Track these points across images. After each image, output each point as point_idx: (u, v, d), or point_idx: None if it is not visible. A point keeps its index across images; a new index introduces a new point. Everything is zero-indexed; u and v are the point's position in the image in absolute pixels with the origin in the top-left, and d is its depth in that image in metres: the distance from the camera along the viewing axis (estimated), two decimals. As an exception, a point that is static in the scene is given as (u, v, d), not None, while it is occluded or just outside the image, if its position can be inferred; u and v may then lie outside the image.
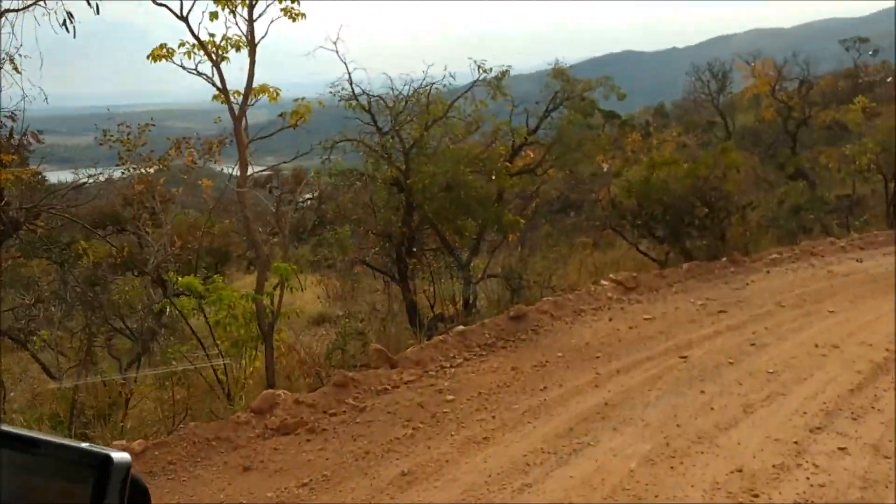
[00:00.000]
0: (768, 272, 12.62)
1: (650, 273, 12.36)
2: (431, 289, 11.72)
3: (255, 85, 7.99)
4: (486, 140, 10.84)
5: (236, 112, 7.58)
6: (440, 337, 9.27)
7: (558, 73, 13.01)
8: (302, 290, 21.79)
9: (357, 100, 11.08)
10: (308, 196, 17.57)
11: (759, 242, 14.77)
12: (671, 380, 7.53)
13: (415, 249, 10.71)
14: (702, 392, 7.14)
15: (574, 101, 12.61)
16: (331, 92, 11.07)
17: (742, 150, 23.32)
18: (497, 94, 10.34)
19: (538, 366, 8.31)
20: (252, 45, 7.48)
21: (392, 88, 11.29)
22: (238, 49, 7.77)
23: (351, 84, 10.94)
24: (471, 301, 11.80)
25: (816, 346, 8.41)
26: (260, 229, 11.18)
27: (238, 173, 7.72)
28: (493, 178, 9.70)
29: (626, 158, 23.03)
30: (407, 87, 11.09)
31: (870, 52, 47.80)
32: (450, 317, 11.36)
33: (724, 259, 13.19)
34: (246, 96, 7.57)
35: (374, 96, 10.41)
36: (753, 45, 43.48)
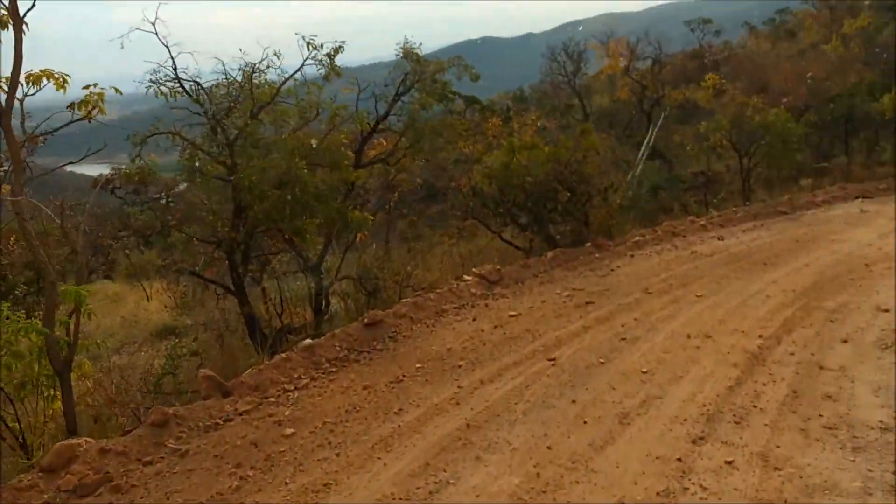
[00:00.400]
0: (633, 256, 12.21)
1: (515, 264, 11.65)
2: (279, 297, 10.53)
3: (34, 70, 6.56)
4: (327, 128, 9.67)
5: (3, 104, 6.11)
6: (284, 354, 8.11)
7: (408, 54, 12.05)
8: (148, 299, 19.90)
9: (183, 87, 9.68)
10: (158, 195, 15.86)
11: (623, 225, 14.45)
12: (540, 389, 6.74)
13: (254, 254, 9.45)
14: (573, 402, 6.38)
15: (425, 83, 11.68)
16: (151, 80, 9.61)
17: (600, 132, 23.35)
18: (331, 73, 9.19)
19: (394, 382, 7.32)
20: (17, 19, 6.03)
21: (226, 74, 9.96)
22: (5, 27, 6.31)
23: (175, 69, 9.54)
24: (323, 308, 10.70)
25: (688, 336, 7.89)
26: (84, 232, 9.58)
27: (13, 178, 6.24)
28: (336, 170, 8.56)
29: (488, 144, 22.53)
30: (239, 73, 9.81)
31: (713, 33, 49.95)
32: (299, 327, 10.21)
33: (589, 245, 12.71)
34: (13, 84, 6.11)
35: (192, 81, 9.03)
36: (605, 28, 44.36)
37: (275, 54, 8.96)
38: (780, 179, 17.54)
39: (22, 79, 6.31)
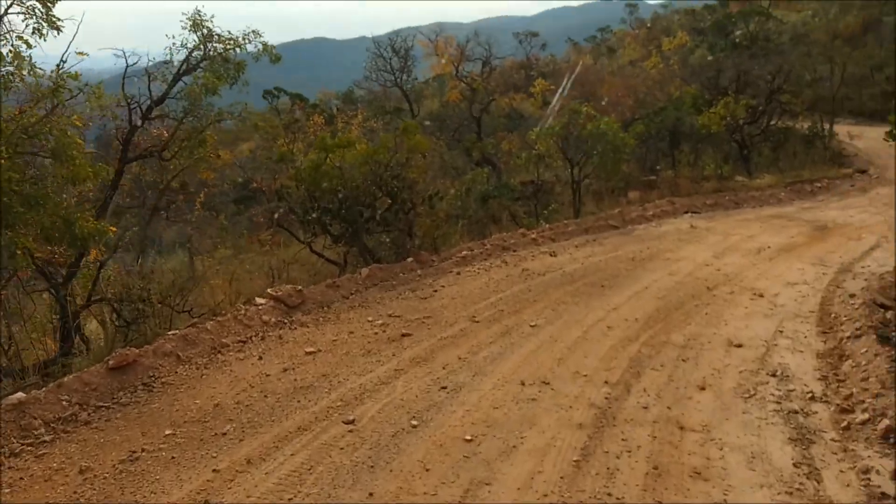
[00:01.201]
0: (459, 273, 10.66)
1: (322, 283, 9.72)
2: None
3: None
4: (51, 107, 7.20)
5: None
6: (-15, 415, 5.76)
7: (197, 24, 9.82)
8: None
9: None
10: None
11: (450, 237, 12.91)
12: (327, 473, 4.87)
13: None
14: (370, 495, 4.56)
15: (215, 61, 9.51)
16: None
17: (429, 136, 21.89)
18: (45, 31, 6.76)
19: (127, 461, 5.19)
20: None
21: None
22: None
23: None
24: (74, 340, 8.24)
25: (523, 383, 6.32)
26: None
27: None
28: (62, 163, 6.22)
29: (308, 143, 20.49)
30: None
31: (540, 46, 50.62)
32: (41, 364, 7.72)
33: (411, 259, 11.03)
34: None
35: None
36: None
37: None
38: (608, 191, 16.82)
39: None
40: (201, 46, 9.69)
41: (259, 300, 8.84)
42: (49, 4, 6.19)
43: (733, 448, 5.17)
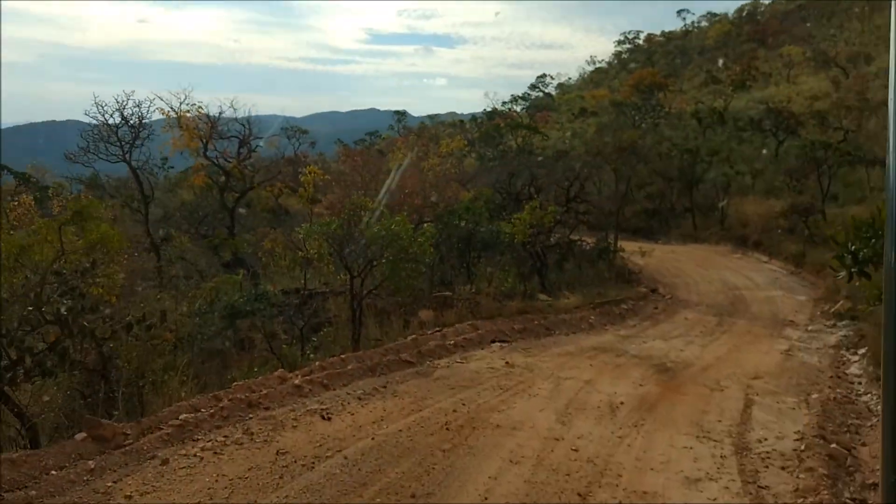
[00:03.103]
0: (166, 463, 6.06)
1: None
2: None
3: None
4: None
5: None
6: None
7: None
8: None
9: None
10: None
11: (170, 384, 8.20)
12: None
13: None
14: None
15: None
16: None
17: (181, 232, 16.93)
18: None
19: None
20: None
21: None
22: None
23: None
24: None
25: None
26: None
27: None
28: None
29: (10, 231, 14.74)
30: None
31: (309, 144, 47.68)
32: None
33: (84, 435, 6.26)
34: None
35: None
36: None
37: None
38: (396, 308, 13.05)
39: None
40: None
41: None
42: None
43: None
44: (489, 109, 62.43)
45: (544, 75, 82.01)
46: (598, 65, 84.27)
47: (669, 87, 52.87)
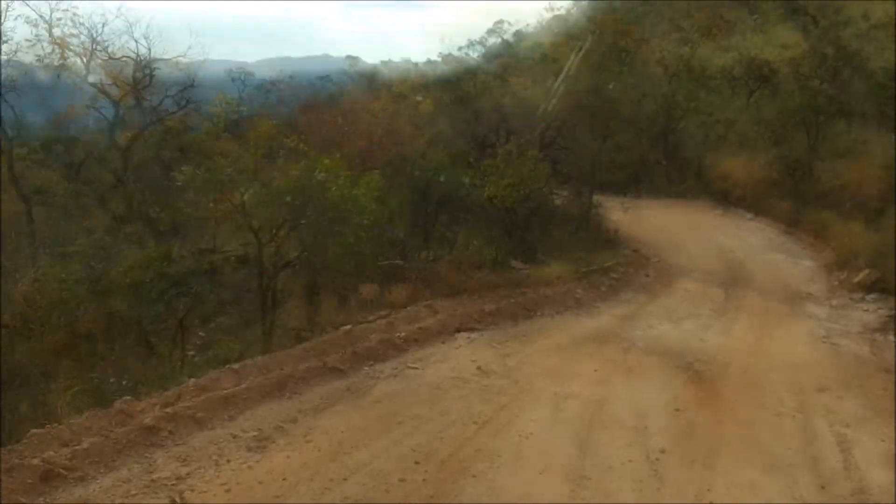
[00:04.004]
0: None
1: None
2: None
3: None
4: None
5: None
6: None
7: None
8: None
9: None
10: None
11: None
12: None
13: None
14: None
15: None
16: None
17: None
18: None
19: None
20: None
21: None
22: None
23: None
24: None
25: None
26: None
27: None
28: None
29: None
30: None
31: (254, 87, 43.50)
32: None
33: None
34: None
35: None
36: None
37: None
38: (330, 282, 9.78)
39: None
40: None
41: None
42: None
43: None
44: (445, 53, 58.47)
45: (502, 21, 77.73)
46: (556, 11, 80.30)
47: (632, 36, 49.70)
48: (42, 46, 13.14)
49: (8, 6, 12.50)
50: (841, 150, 23.21)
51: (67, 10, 13.29)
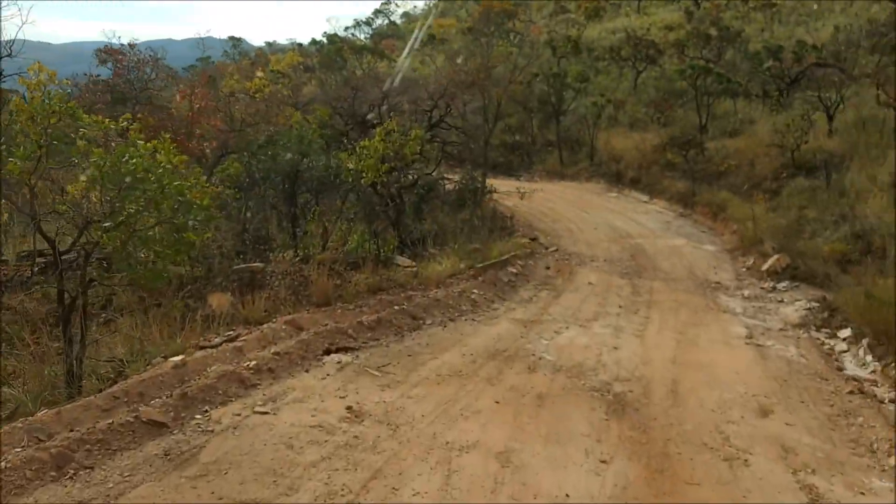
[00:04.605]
0: None
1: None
2: None
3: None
4: None
5: None
6: None
7: None
8: None
9: None
10: None
11: None
12: None
13: None
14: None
15: None
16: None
17: None
18: None
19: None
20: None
21: None
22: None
23: None
24: None
25: None
26: None
27: None
28: None
29: None
30: None
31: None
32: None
33: None
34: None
35: None
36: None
37: None
38: (173, 293, 7.84)
39: None
40: None
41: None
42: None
43: None
44: (331, 33, 55.85)
45: (389, 1, 75.29)
46: (444, -7, 78.56)
47: (520, 17, 48.87)
48: None
49: None
50: (729, 130, 22.92)
51: None
